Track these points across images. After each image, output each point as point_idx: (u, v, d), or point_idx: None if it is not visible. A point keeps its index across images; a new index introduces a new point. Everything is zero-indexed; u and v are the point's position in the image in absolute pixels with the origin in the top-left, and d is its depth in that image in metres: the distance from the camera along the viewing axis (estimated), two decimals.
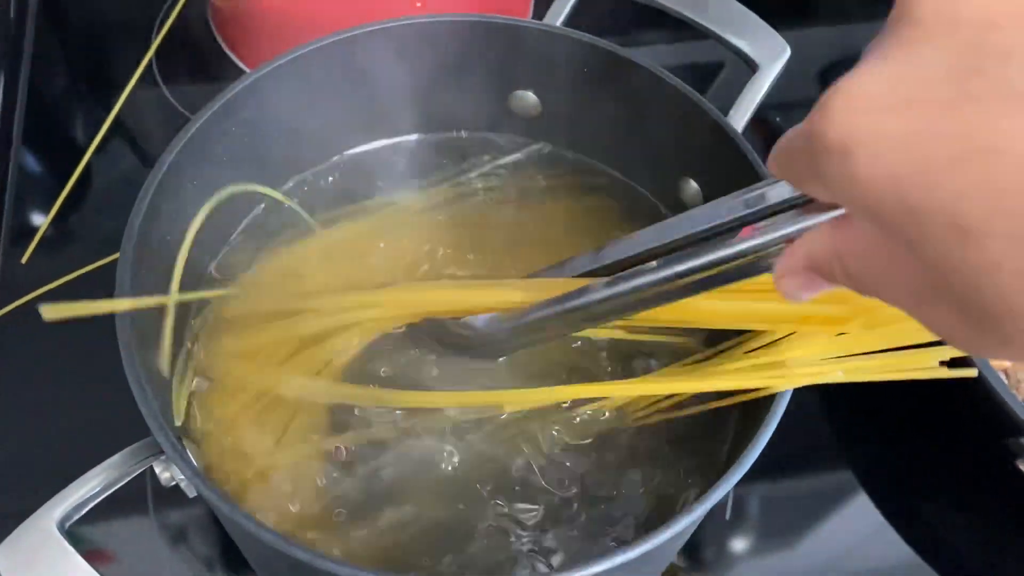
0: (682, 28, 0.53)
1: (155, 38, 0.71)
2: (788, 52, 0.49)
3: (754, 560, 0.54)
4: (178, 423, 0.44)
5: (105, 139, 0.67)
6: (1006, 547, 0.56)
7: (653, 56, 0.50)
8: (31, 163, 0.68)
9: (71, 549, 0.35)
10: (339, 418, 0.46)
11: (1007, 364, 0.54)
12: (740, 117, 0.48)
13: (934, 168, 0.21)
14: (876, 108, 0.22)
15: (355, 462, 0.45)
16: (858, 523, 0.56)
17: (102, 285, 0.41)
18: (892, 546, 0.55)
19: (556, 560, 0.43)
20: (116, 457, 0.38)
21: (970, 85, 0.20)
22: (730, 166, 0.46)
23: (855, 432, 0.60)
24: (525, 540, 0.43)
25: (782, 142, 0.27)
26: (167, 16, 0.73)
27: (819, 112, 0.23)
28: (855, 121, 0.22)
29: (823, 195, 0.25)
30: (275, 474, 0.43)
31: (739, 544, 0.55)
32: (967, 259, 0.21)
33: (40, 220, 0.64)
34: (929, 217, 0.21)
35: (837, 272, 0.26)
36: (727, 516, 0.55)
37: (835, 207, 0.27)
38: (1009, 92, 0.20)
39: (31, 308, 0.58)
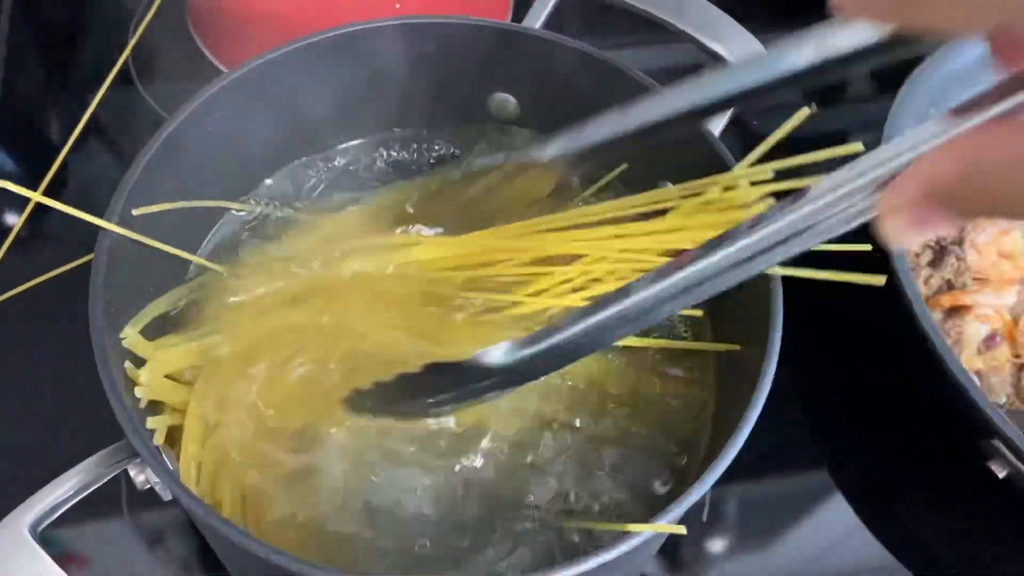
0: (660, 31, 0.53)
1: (132, 37, 0.71)
2: (761, 51, 0.49)
3: (730, 561, 0.55)
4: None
5: (81, 138, 0.66)
6: (979, 547, 0.57)
7: (631, 59, 0.50)
8: (4, 161, 0.67)
9: (43, 553, 0.35)
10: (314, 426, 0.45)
11: (980, 366, 0.55)
12: (718, 121, 0.49)
13: None
14: None
15: (330, 467, 0.44)
16: (834, 524, 0.56)
17: (77, 286, 0.41)
18: (867, 546, 0.56)
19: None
20: (90, 460, 0.38)
21: None
22: (707, 169, 0.46)
23: (832, 434, 0.60)
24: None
25: None
26: (144, 15, 0.72)
27: None
28: None
29: (986, 24, 0.21)
30: (253, 477, 0.43)
31: (715, 545, 0.55)
32: None
33: (13, 220, 0.63)
34: None
35: (976, 190, 0.22)
36: (704, 517, 0.55)
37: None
38: None
39: (3, 310, 0.58)
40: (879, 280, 0.40)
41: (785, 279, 0.42)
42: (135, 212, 0.44)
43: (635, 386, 0.48)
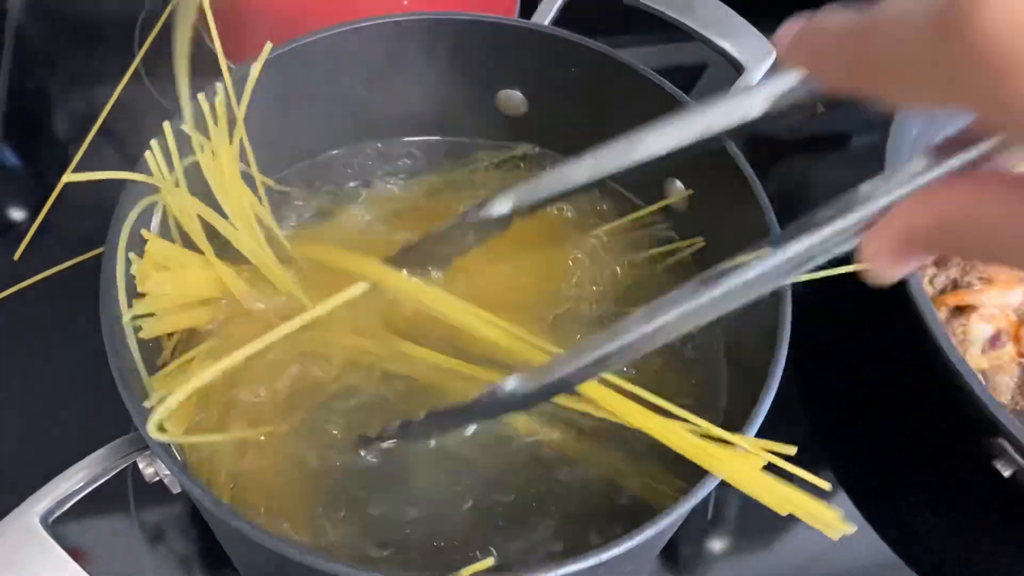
0: (668, 30, 0.53)
1: (139, 33, 0.71)
2: (774, 54, 0.49)
3: (732, 561, 0.55)
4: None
5: (86, 132, 0.66)
6: (983, 547, 0.57)
7: (638, 57, 0.50)
8: (10, 158, 0.67)
9: (54, 544, 0.35)
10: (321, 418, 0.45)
11: (985, 365, 0.55)
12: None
13: None
14: None
15: (342, 462, 0.44)
16: None
17: (86, 280, 0.41)
18: (871, 546, 0.56)
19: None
20: (100, 452, 0.38)
21: None
22: (715, 167, 0.46)
23: (835, 432, 0.60)
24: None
25: (834, 23, 0.22)
26: (152, 11, 0.72)
27: (963, 10, 0.18)
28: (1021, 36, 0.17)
29: (933, 100, 0.21)
30: (261, 469, 0.43)
31: (717, 544, 0.55)
32: None
33: (19, 216, 0.63)
34: None
35: (949, 238, 0.23)
36: (708, 515, 0.55)
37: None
38: None
39: (12, 304, 0.58)
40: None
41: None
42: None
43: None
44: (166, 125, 0.43)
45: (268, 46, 0.46)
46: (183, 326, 0.44)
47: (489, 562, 0.36)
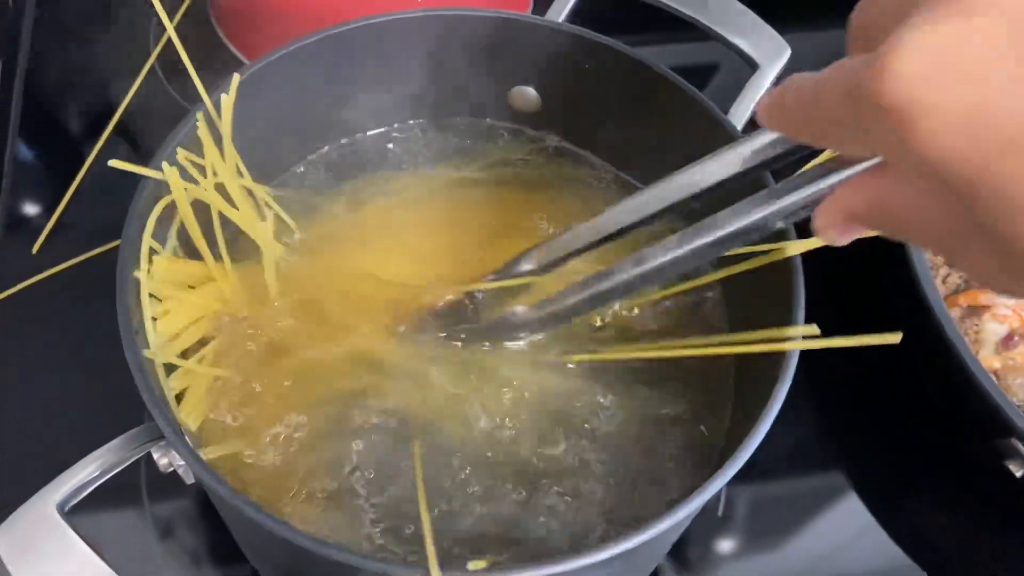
0: (681, 27, 0.53)
1: (155, 30, 0.71)
2: (788, 52, 0.49)
3: (743, 560, 0.55)
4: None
5: (100, 129, 0.67)
6: (994, 548, 0.57)
7: (650, 54, 0.50)
8: (25, 153, 0.67)
9: (71, 532, 0.35)
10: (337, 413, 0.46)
11: (997, 365, 0.55)
12: (740, 116, 0.49)
13: (994, 149, 0.21)
14: (937, 76, 0.22)
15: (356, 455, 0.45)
16: (847, 523, 0.57)
17: (100, 273, 0.41)
18: (881, 545, 0.56)
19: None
20: (116, 441, 0.38)
21: None
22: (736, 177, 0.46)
23: (847, 432, 0.60)
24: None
25: (790, 95, 0.27)
26: (168, 9, 0.72)
27: (872, 71, 0.23)
28: (916, 88, 0.22)
29: (860, 151, 0.26)
30: (274, 460, 0.43)
31: (728, 543, 0.55)
32: (1017, 229, 0.22)
33: (33, 210, 0.64)
34: (984, 190, 0.22)
35: (876, 219, 0.27)
36: (719, 512, 0.55)
37: (863, 159, 0.29)
38: None
39: (28, 294, 0.58)
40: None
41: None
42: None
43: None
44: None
45: (236, 77, 0.47)
46: (193, 341, 0.45)
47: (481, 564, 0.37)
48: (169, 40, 0.71)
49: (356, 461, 0.44)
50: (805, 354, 0.41)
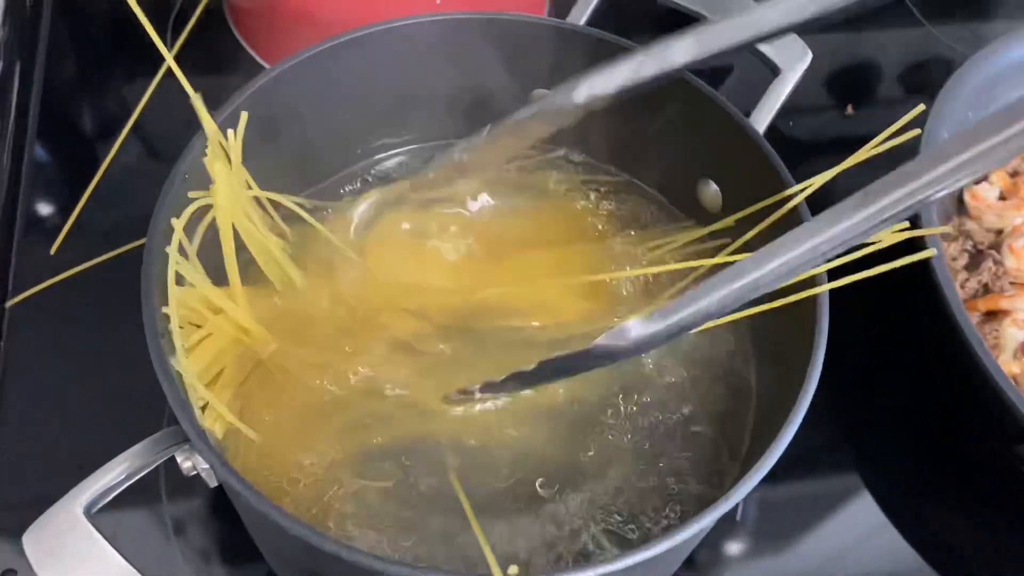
0: None
1: (170, 32, 0.71)
2: (810, 56, 0.49)
3: (758, 559, 0.55)
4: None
5: (117, 130, 0.67)
6: (1010, 551, 0.57)
7: None
8: (42, 155, 0.68)
9: (98, 535, 0.35)
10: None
11: (1016, 371, 0.55)
12: (762, 120, 0.49)
13: None
14: None
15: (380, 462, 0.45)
16: (862, 524, 0.57)
17: (120, 274, 0.41)
18: (895, 547, 0.56)
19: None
20: (141, 444, 0.38)
21: None
22: (751, 168, 0.46)
23: (863, 434, 0.60)
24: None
25: None
26: (184, 9, 0.73)
27: None
28: None
29: None
30: (299, 468, 0.44)
31: (737, 545, 0.55)
32: None
33: (50, 211, 0.64)
34: None
35: None
36: (738, 516, 0.55)
37: None
38: None
39: (49, 296, 0.58)
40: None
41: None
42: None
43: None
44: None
45: (244, 115, 0.47)
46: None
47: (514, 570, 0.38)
48: (186, 40, 0.71)
49: (388, 470, 0.44)
50: (824, 355, 0.41)
